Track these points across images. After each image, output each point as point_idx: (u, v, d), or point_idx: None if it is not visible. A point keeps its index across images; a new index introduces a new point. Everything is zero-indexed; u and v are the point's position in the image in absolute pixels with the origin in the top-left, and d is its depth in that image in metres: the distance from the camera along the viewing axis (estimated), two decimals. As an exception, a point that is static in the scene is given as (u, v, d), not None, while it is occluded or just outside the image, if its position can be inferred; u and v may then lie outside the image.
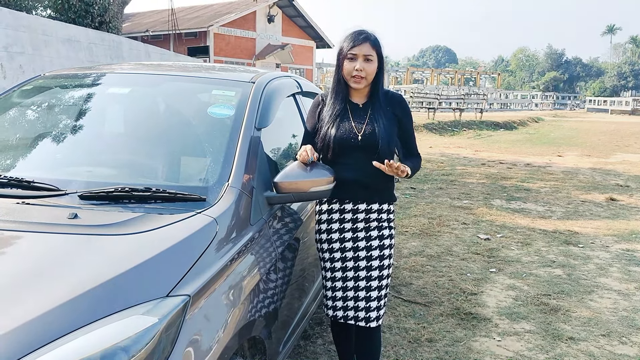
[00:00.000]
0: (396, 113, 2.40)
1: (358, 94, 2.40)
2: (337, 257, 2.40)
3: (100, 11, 12.76)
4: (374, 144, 2.29)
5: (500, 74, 60.31)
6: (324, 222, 2.43)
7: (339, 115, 2.35)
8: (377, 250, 2.38)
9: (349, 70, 2.30)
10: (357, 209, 2.38)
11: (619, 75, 73.32)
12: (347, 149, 2.32)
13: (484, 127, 22.11)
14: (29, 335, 1.28)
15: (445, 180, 9.13)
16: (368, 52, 2.29)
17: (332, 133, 2.32)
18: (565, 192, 8.32)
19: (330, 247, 2.41)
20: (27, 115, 2.66)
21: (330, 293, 2.44)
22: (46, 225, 1.68)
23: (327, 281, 2.44)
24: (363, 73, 2.29)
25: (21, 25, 8.13)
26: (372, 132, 2.31)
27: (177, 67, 3.04)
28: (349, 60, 2.30)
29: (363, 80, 2.31)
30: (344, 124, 2.33)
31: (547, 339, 3.34)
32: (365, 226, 2.38)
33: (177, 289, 1.50)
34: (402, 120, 2.42)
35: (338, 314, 2.43)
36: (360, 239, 2.38)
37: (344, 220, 2.39)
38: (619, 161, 12.77)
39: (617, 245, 5.45)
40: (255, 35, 28.58)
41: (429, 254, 4.98)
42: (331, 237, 2.41)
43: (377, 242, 2.38)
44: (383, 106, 2.37)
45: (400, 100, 2.47)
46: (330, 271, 2.42)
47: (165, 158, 2.27)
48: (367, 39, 2.30)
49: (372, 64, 2.30)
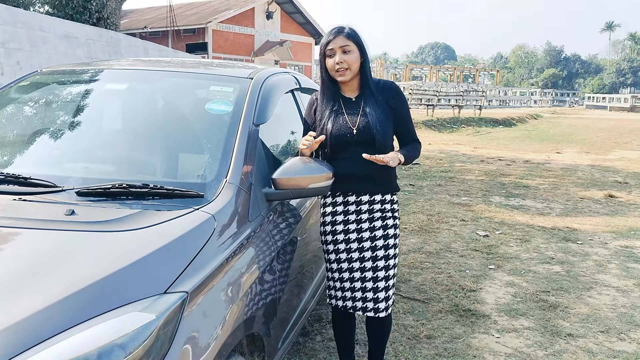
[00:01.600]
0: (389, 102, 2.43)
1: (349, 88, 2.44)
2: (342, 248, 2.43)
3: (98, 7, 12.72)
4: (370, 136, 2.34)
5: (499, 71, 60.28)
6: (329, 215, 2.47)
7: (332, 111, 2.39)
8: (382, 240, 2.41)
9: (331, 66, 2.37)
10: (360, 200, 2.42)
11: (617, 72, 73.36)
12: (345, 144, 2.36)
13: (483, 124, 22.12)
14: (26, 333, 1.28)
15: (444, 177, 9.12)
16: (343, 43, 2.34)
17: (328, 129, 2.36)
18: (564, 189, 8.32)
19: (334, 239, 2.45)
20: (24, 111, 2.65)
21: (337, 284, 2.47)
22: (43, 221, 1.67)
23: (334, 272, 2.47)
24: (345, 65, 2.34)
25: (19, 22, 8.11)
26: (367, 125, 2.35)
27: (175, 63, 3.02)
28: (329, 57, 2.38)
29: (347, 72, 2.35)
30: (338, 119, 2.38)
31: (546, 336, 3.34)
32: (369, 217, 2.42)
33: (174, 286, 1.49)
34: (396, 107, 2.44)
35: (347, 304, 2.46)
36: (364, 229, 2.41)
37: (348, 212, 2.43)
38: (618, 158, 12.78)
39: (616, 242, 5.46)
40: (253, 31, 28.53)
41: (428, 251, 4.98)
42: (335, 229, 2.44)
43: (381, 232, 2.42)
44: (376, 96, 2.41)
45: (392, 87, 2.49)
46: (335, 262, 2.45)
47: (163, 154, 2.26)
48: (339, 32, 2.36)
49: (352, 54, 2.35)
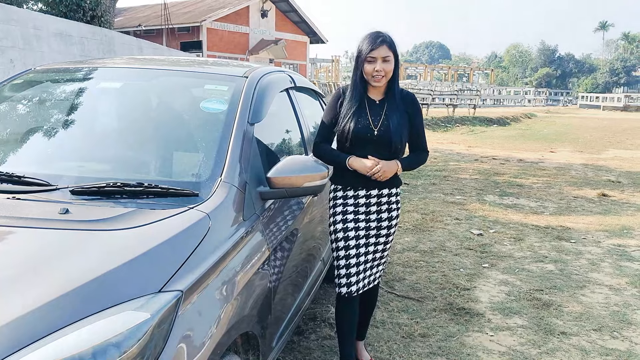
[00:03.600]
0: (408, 111, 2.61)
1: (375, 91, 2.60)
2: (351, 235, 2.62)
3: (92, 5, 12.64)
4: (388, 138, 2.53)
5: (493, 70, 60.44)
6: (339, 206, 2.64)
7: (357, 110, 2.55)
8: (386, 230, 2.68)
9: (369, 71, 2.50)
10: (369, 194, 2.61)
11: (611, 72, 73.70)
12: (363, 142, 2.54)
13: (477, 123, 22.17)
14: (20, 332, 1.27)
15: (438, 176, 9.14)
16: (386, 54, 2.48)
17: (351, 127, 2.53)
18: (558, 188, 8.36)
19: (344, 227, 2.62)
20: (17, 109, 2.63)
21: (344, 271, 2.62)
22: (37, 220, 1.67)
23: (341, 260, 2.63)
24: (382, 73, 2.49)
25: (12, 19, 8.05)
26: (387, 128, 2.54)
27: (169, 61, 3.02)
28: (369, 63, 2.49)
29: (383, 79, 2.52)
30: (362, 118, 2.54)
31: (540, 334, 3.36)
32: (377, 209, 2.64)
33: (169, 285, 1.49)
34: (413, 117, 2.63)
35: (352, 289, 2.63)
36: (372, 220, 2.64)
37: (358, 204, 2.62)
38: (611, 157, 12.85)
39: (609, 240, 5.49)
40: (248, 30, 28.46)
41: (422, 250, 4.99)
42: (346, 218, 2.62)
43: (386, 223, 2.67)
44: (398, 103, 2.59)
45: (413, 99, 2.68)
46: (344, 250, 2.62)
47: (158, 153, 2.26)
48: (384, 41, 2.49)
49: (390, 64, 2.50)
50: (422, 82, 40.47)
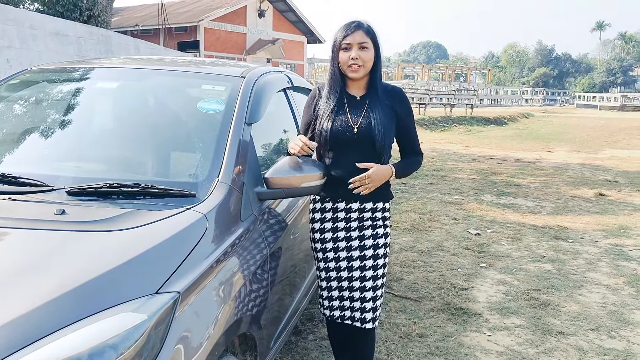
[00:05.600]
0: (395, 108, 2.32)
1: (355, 86, 2.31)
2: (330, 257, 2.34)
3: (89, 5, 12.62)
4: (370, 137, 2.22)
5: (490, 70, 60.59)
6: (317, 222, 2.37)
7: (335, 108, 2.27)
8: (371, 250, 2.31)
9: (344, 61, 2.22)
10: (349, 208, 2.31)
11: (607, 72, 73.83)
12: (343, 143, 2.24)
13: (475, 122, 22.20)
14: (16, 334, 1.27)
15: (435, 176, 9.15)
16: (362, 39, 2.21)
17: (329, 126, 2.24)
18: (555, 188, 8.37)
19: (323, 247, 2.35)
20: (13, 109, 2.62)
21: (325, 293, 2.39)
22: (33, 221, 1.66)
23: (322, 281, 2.39)
24: (359, 61, 2.20)
25: (8, 19, 8.03)
26: (368, 125, 2.23)
27: (166, 61, 3.01)
28: (344, 51, 2.22)
29: (361, 69, 2.22)
30: (340, 117, 2.26)
31: (537, 334, 3.36)
32: (358, 225, 2.31)
33: (166, 286, 1.49)
34: (401, 115, 2.34)
35: (335, 314, 2.39)
36: (354, 238, 2.31)
37: (336, 219, 2.33)
38: (608, 157, 12.88)
39: (606, 240, 5.50)
40: (245, 30, 28.42)
41: (420, 249, 4.99)
42: (324, 237, 2.35)
43: (370, 242, 2.31)
44: (382, 99, 2.29)
45: (400, 94, 2.38)
46: (324, 271, 2.37)
47: (154, 153, 2.25)
48: (359, 26, 2.22)
49: (368, 51, 2.22)
50: (419, 81, 40.54)
